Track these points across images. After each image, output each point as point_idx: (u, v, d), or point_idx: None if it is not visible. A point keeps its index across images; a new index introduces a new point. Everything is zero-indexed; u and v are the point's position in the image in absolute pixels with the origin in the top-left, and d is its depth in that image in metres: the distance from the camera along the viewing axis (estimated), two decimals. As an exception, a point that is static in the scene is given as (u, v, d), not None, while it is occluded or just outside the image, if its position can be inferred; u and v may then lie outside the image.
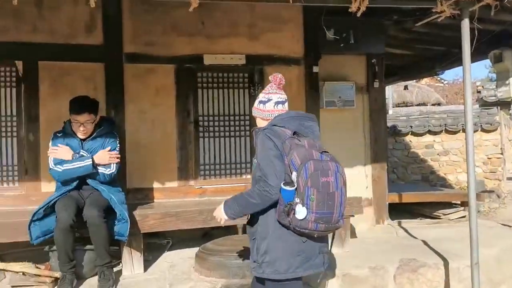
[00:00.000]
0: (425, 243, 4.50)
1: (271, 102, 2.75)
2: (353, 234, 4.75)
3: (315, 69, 5.02)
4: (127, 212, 3.53)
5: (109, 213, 3.51)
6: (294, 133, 2.59)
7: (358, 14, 3.18)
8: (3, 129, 4.29)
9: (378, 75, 5.36)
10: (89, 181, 3.61)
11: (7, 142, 4.30)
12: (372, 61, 5.34)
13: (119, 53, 4.50)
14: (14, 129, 4.31)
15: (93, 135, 3.67)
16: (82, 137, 3.62)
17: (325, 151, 2.59)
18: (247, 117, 4.89)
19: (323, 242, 2.64)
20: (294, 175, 2.46)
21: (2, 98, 4.30)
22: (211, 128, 4.80)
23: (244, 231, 3.93)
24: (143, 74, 4.60)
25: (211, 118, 4.80)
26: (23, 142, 4.30)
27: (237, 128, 4.88)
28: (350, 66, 5.30)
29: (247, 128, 4.90)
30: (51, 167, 3.56)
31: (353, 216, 4.35)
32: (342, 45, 5.04)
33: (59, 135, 3.67)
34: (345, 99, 5.18)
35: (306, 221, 2.44)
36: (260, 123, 2.76)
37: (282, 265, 2.53)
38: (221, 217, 2.69)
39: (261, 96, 2.80)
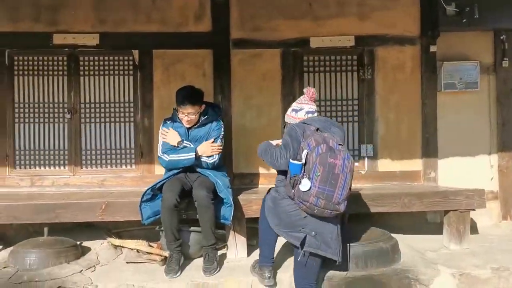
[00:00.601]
0: (562, 244, 3.92)
1: (303, 111, 3.22)
2: (474, 230, 4.29)
3: (433, 48, 4.60)
4: (232, 197, 3.56)
5: (215, 196, 3.57)
6: (318, 129, 3.00)
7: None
8: (122, 114, 4.59)
9: (508, 53, 4.74)
10: (197, 168, 3.70)
11: (125, 127, 4.59)
12: (501, 37, 4.73)
13: (226, 39, 4.55)
14: (132, 114, 4.59)
15: (198, 124, 3.75)
16: (187, 126, 3.72)
17: (341, 144, 2.94)
18: (355, 102, 4.66)
19: (324, 227, 2.94)
20: (305, 152, 2.86)
21: (121, 86, 4.59)
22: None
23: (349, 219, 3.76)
24: (249, 60, 4.60)
25: (317, 103, 4.62)
26: (139, 127, 4.57)
27: (344, 113, 4.67)
28: (473, 43, 4.76)
29: (355, 113, 4.66)
30: (159, 155, 3.74)
31: (473, 210, 3.92)
32: (464, 20, 4.53)
33: (168, 121, 3.81)
34: (467, 80, 4.67)
35: (308, 193, 2.80)
36: None
37: (274, 220, 3.08)
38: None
39: (294, 105, 3.30)
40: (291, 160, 2.92)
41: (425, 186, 4.49)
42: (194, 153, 3.61)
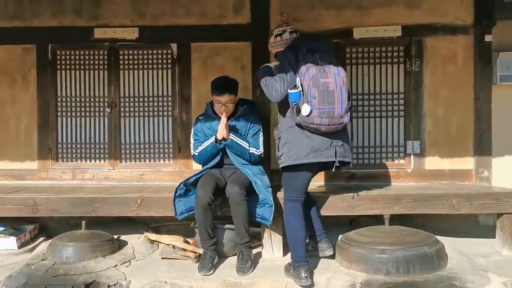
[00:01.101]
0: None
1: (286, 33, 3.36)
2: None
3: (488, 38, 4.26)
4: (272, 196, 3.45)
5: (250, 192, 3.48)
6: (308, 51, 3.09)
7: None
8: (160, 108, 4.57)
9: None
10: (233, 159, 3.60)
11: (164, 121, 4.57)
12: None
13: (266, 31, 4.37)
14: (170, 108, 4.56)
15: (236, 115, 3.67)
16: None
17: (332, 62, 3.11)
18: (401, 95, 4.40)
19: (336, 138, 3.12)
20: (298, 79, 3.04)
21: (159, 80, 4.57)
22: (360, 108, 4.43)
23: (391, 223, 3.55)
24: (289, 52, 4.44)
25: (360, 96, 4.43)
26: (177, 121, 4.53)
27: (389, 108, 4.42)
28: (534, 32, 4.37)
29: (401, 108, 4.41)
30: (193, 153, 3.73)
31: (530, 213, 3.61)
32: (523, 7, 4.16)
33: (200, 118, 3.79)
34: (525, 72, 4.30)
35: (311, 117, 2.99)
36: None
37: (293, 154, 3.12)
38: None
39: (275, 31, 3.42)
40: (289, 90, 3.07)
41: (477, 186, 4.18)
42: (214, 137, 3.56)
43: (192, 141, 3.77)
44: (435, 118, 4.35)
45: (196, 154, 3.70)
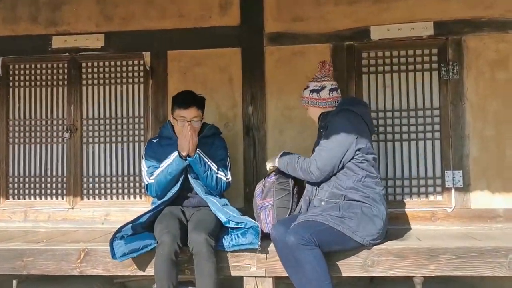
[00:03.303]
0: None
1: (326, 90, 2.80)
2: None
3: (550, 34, 3.23)
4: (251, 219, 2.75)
5: (220, 234, 2.73)
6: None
7: None
8: (131, 132, 3.70)
9: None
10: (196, 185, 2.84)
11: (135, 148, 3.69)
12: None
13: (259, 34, 3.53)
14: (142, 132, 3.68)
15: (201, 134, 2.94)
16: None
17: None
18: (436, 112, 3.38)
19: None
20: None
21: (130, 97, 3.71)
22: (382, 129, 3.43)
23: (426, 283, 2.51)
24: (289, 59, 3.52)
25: (381, 114, 3.44)
26: (151, 148, 3.63)
27: (420, 128, 3.40)
28: None
29: (436, 128, 3.38)
30: (146, 182, 2.88)
31: None
32: None
33: (154, 140, 3.02)
34: None
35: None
36: (315, 113, 2.86)
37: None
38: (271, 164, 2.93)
39: (312, 85, 2.85)
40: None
41: (545, 232, 3.08)
42: (177, 151, 2.77)
43: (144, 168, 2.93)
44: (482, 140, 3.30)
45: (152, 182, 2.85)
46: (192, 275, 2.67)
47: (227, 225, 2.72)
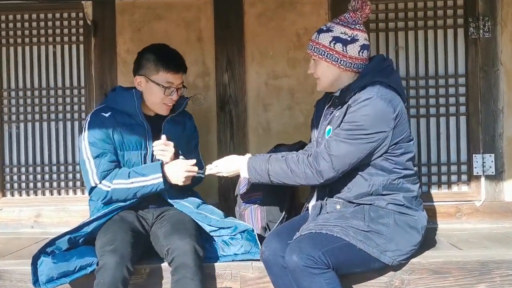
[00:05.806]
0: None
1: (356, 45, 1.89)
2: None
3: None
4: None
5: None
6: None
7: None
8: (68, 107, 2.83)
9: None
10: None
11: (73, 128, 2.84)
12: None
13: (237, -22, 2.73)
14: (83, 107, 2.82)
15: (174, 113, 2.22)
16: (165, 113, 2.19)
17: None
18: (461, 80, 2.70)
19: None
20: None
21: (66, 61, 2.83)
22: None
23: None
24: (276, 12, 2.74)
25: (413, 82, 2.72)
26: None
27: (441, 100, 2.71)
28: None
29: (461, 100, 2.70)
30: (94, 183, 2.05)
31: None
32: None
33: (105, 115, 2.13)
34: None
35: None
36: (328, 73, 1.93)
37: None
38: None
39: (338, 31, 1.90)
40: None
41: None
42: (161, 174, 2.01)
43: (88, 159, 2.07)
44: (520, 117, 2.65)
45: (107, 189, 2.04)
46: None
47: (213, 233, 2.03)
